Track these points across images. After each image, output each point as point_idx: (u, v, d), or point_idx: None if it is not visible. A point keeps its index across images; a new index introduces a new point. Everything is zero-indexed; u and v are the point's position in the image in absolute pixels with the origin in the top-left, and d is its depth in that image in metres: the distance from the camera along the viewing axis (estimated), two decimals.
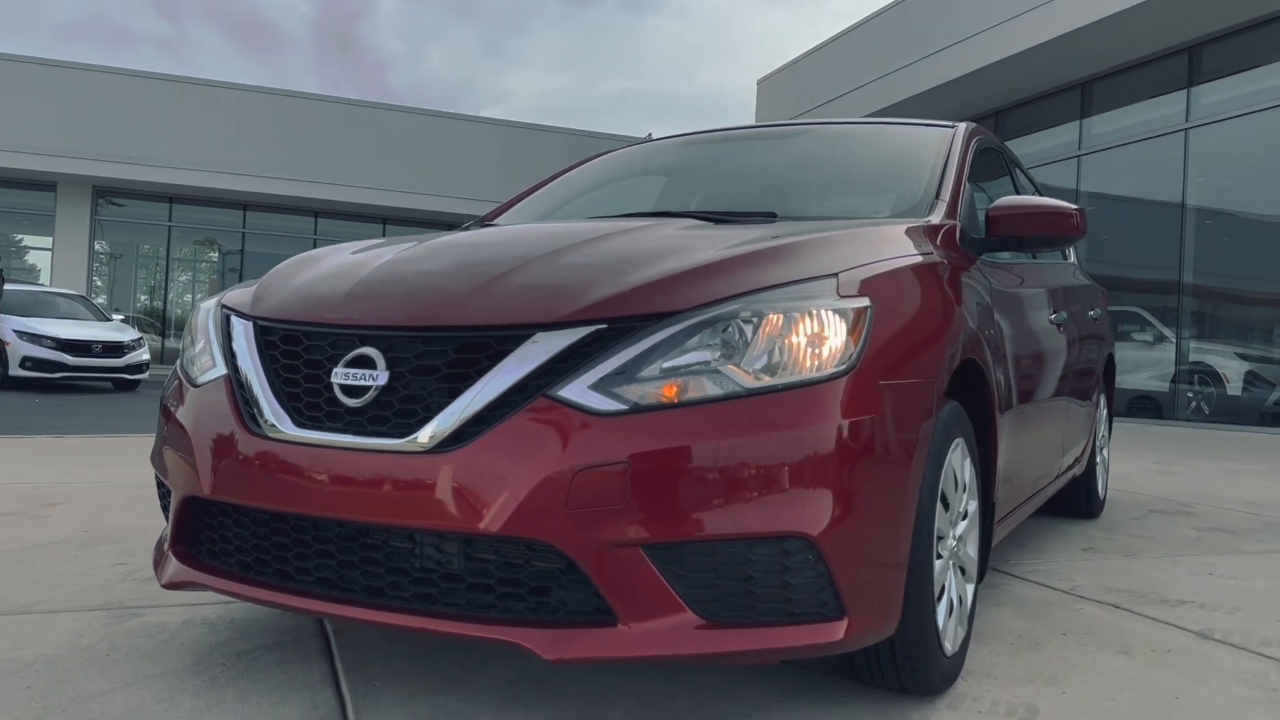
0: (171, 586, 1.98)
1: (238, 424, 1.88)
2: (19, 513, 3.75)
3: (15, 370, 13.07)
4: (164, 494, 2.18)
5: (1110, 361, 4.41)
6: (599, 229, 2.22)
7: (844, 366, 1.72)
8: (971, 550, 2.23)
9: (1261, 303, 11.71)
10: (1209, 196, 12.26)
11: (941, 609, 1.99)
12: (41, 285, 18.30)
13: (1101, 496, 4.33)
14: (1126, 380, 12.97)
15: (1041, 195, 4.02)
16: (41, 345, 13.23)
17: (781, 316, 1.74)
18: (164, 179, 21.71)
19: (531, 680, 2.06)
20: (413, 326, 1.79)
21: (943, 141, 2.88)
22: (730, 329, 1.72)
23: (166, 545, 2.06)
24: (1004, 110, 15.29)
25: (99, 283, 23.49)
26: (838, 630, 1.67)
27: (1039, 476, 3.05)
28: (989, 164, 3.32)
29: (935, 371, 1.91)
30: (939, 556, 1.99)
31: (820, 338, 1.74)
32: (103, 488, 4.43)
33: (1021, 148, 15.15)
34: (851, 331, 1.76)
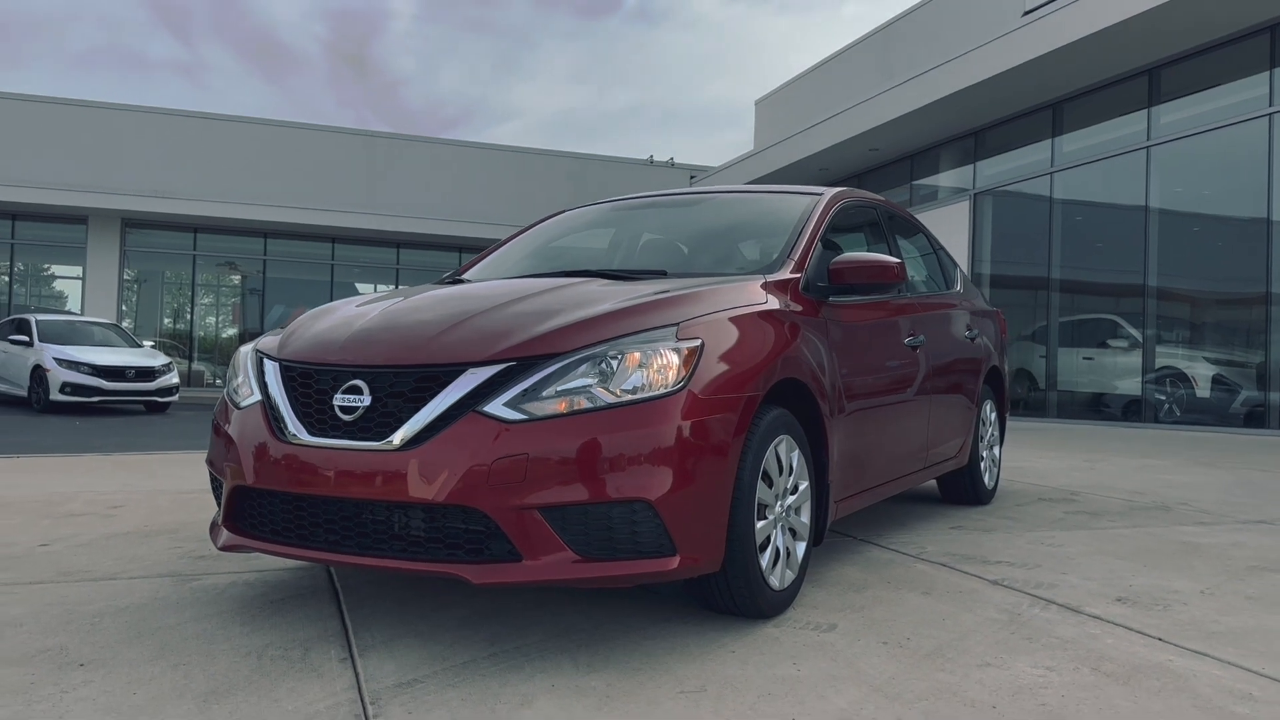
0: (225, 549, 2.82)
1: (269, 434, 2.72)
2: (91, 513, 4.61)
3: (55, 395, 14.05)
4: (216, 486, 3.03)
5: (996, 374, 5.20)
6: (529, 288, 3.06)
7: (678, 386, 2.55)
8: (804, 518, 3.04)
9: (1226, 306, 12.40)
10: (1170, 208, 12.99)
11: (766, 556, 2.80)
12: (76, 314, 19.35)
13: (990, 487, 5.13)
14: (1110, 385, 13.68)
15: (935, 246, 4.86)
16: (79, 371, 14.21)
17: (638, 354, 2.57)
18: (189, 210, 22.85)
19: (480, 616, 2.89)
20: (388, 365, 2.63)
21: (805, 207, 3.71)
22: (603, 363, 2.54)
23: (220, 521, 2.90)
24: (984, 130, 16.07)
25: (124, 308, 24.57)
26: (672, 563, 2.49)
27: (894, 466, 3.85)
28: (859, 221, 4.15)
29: (751, 387, 2.72)
30: (764, 518, 2.80)
31: (665, 367, 2.57)
32: (154, 494, 5.30)
33: (1000, 164, 15.95)
34: (684, 363, 2.58)
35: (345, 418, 2.61)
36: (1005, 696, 2.25)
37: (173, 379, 15.36)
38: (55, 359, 14.29)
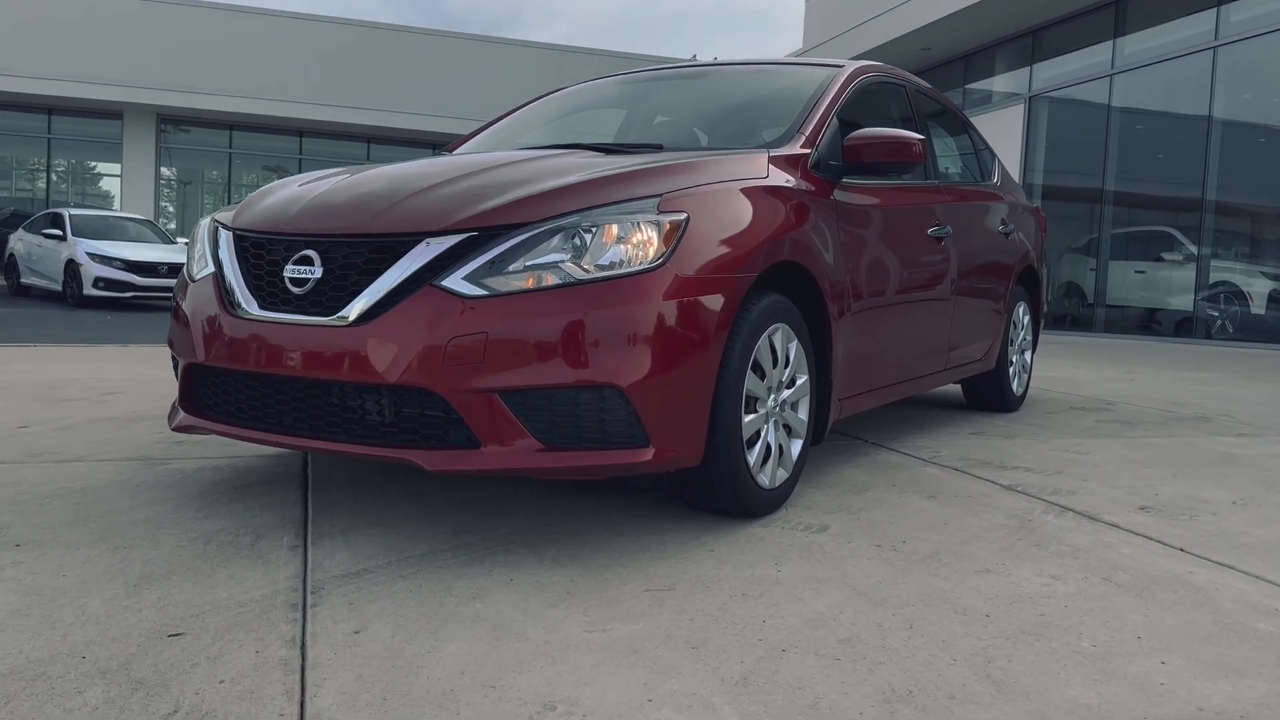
0: (179, 430, 2.66)
1: (221, 308, 2.53)
2: (85, 399, 4.51)
3: (89, 290, 14.06)
4: (175, 364, 2.85)
5: (1032, 274, 4.88)
6: (505, 158, 2.81)
7: (658, 263, 2.30)
8: (802, 414, 2.81)
9: None
10: (1235, 117, 12.30)
11: (755, 452, 2.58)
12: (111, 210, 19.35)
13: (1019, 393, 4.85)
14: (1162, 300, 13.16)
15: (971, 132, 4.50)
16: (112, 266, 14.18)
17: (615, 226, 2.32)
18: (223, 107, 22.62)
19: (447, 506, 2.71)
20: (340, 234, 2.41)
21: (821, 80, 3.38)
22: (576, 235, 2.30)
23: (176, 402, 2.74)
24: (1041, 29, 15.28)
25: (170, 208, 24.62)
26: (646, 455, 2.28)
27: (909, 365, 3.58)
28: (885, 99, 3.81)
29: (743, 269, 2.47)
30: (754, 412, 2.57)
31: (644, 242, 2.32)
32: (154, 383, 5.19)
33: (1057, 67, 15.20)
34: (665, 238, 2.33)
35: (296, 290, 2.40)
36: (1002, 605, 2.04)
37: None
38: (88, 254, 14.26)
